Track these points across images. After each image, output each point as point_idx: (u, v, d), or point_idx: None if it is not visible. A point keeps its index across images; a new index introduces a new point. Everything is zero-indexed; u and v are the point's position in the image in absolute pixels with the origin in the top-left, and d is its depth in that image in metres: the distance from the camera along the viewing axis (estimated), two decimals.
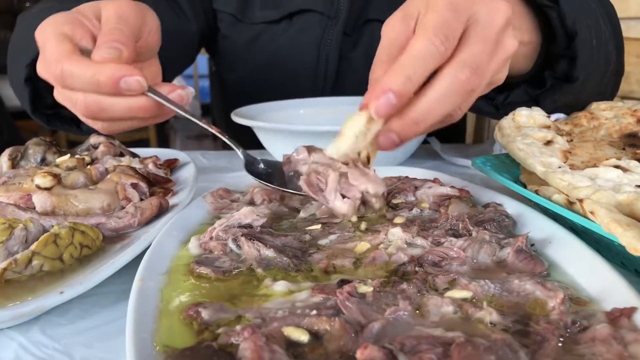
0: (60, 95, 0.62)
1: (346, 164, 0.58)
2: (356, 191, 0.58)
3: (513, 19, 0.56)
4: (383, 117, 0.50)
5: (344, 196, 0.59)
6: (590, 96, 0.91)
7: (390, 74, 0.49)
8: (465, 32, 0.52)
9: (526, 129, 0.71)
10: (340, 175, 0.58)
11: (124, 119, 0.61)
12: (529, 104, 0.85)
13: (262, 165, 0.68)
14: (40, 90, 0.85)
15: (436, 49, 0.49)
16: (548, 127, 0.74)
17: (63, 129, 0.93)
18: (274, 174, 0.67)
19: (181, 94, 0.62)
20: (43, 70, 0.62)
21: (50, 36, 0.60)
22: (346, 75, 1.19)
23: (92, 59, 0.58)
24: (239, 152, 0.68)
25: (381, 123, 0.52)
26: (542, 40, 0.83)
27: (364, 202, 0.60)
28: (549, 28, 0.82)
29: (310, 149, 0.63)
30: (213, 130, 0.65)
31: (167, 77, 1.21)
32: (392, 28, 0.55)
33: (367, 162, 0.58)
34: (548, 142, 0.69)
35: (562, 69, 0.85)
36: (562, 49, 0.82)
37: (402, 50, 0.52)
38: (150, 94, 0.59)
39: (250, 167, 0.67)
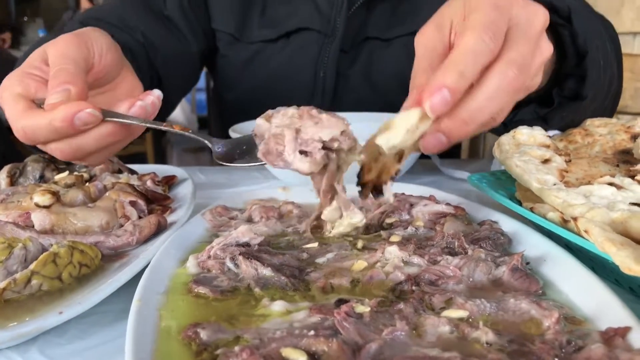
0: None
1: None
2: (314, 143, 0.55)
3: None
4: (438, 113, 0.49)
5: (305, 153, 0.55)
6: (593, 115, 0.92)
7: (443, 71, 0.48)
8: (508, 33, 0.52)
9: (525, 147, 0.72)
10: (297, 132, 0.55)
11: (101, 149, 0.62)
12: (536, 122, 0.86)
13: (231, 147, 0.64)
14: None
15: (486, 45, 0.49)
16: (547, 147, 0.74)
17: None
18: (250, 152, 0.62)
19: (142, 105, 0.62)
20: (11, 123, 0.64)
21: (8, 99, 0.62)
22: (343, 93, 1.20)
23: (45, 108, 0.60)
24: (208, 144, 0.65)
25: (429, 123, 0.51)
26: (554, 58, 0.84)
27: (330, 149, 0.55)
28: (560, 47, 0.83)
29: (268, 117, 0.59)
30: (176, 130, 0.64)
31: (173, 99, 1.22)
32: (428, 37, 0.56)
33: (399, 159, 0.55)
34: (546, 161, 0.70)
35: (570, 88, 0.86)
36: (572, 67, 0.84)
37: (442, 57, 0.52)
38: (110, 119, 0.61)
39: (219, 155, 0.64)
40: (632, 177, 0.66)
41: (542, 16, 0.54)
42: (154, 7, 1.14)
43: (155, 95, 0.64)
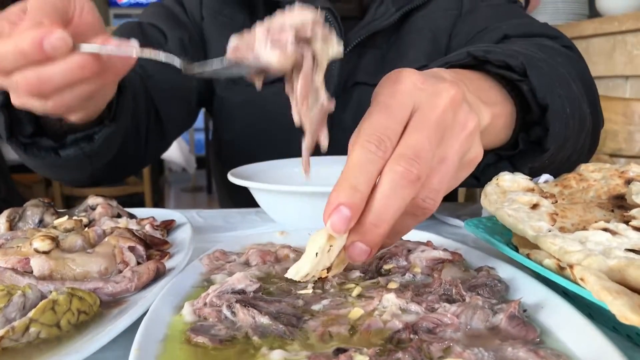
0: (8, 89, 0.62)
1: None
2: (285, 33, 0.50)
3: (467, 95, 0.57)
4: (341, 231, 0.50)
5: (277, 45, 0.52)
6: (570, 155, 0.92)
7: (337, 188, 0.49)
8: (407, 125, 0.52)
9: (511, 194, 0.72)
10: (268, 28, 0.52)
11: (69, 84, 0.60)
12: (505, 165, 0.86)
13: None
14: (19, 118, 0.85)
15: (373, 154, 0.50)
16: (532, 190, 0.75)
17: (40, 157, 0.90)
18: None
19: (118, 44, 0.61)
20: None
21: None
22: (337, 135, 1.21)
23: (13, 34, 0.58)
24: (177, 64, 0.64)
25: (344, 237, 0.51)
26: (518, 109, 0.84)
27: (304, 41, 0.51)
28: (523, 100, 0.84)
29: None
30: (149, 54, 0.62)
31: (170, 135, 1.23)
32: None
33: (327, 271, 0.55)
34: (534, 206, 0.70)
35: (536, 135, 0.86)
36: (537, 117, 0.84)
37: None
38: (83, 48, 0.58)
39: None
40: (627, 222, 0.67)
41: (445, 93, 0.54)
42: (154, 40, 1.15)
43: (134, 43, 0.61)
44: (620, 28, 2.33)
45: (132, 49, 0.60)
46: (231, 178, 0.97)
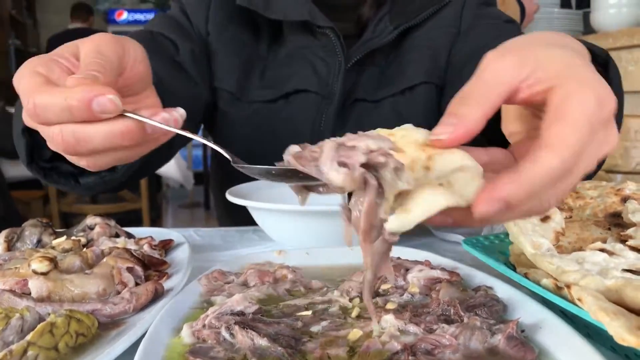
0: (43, 136, 0.58)
1: None
2: (357, 155, 0.46)
3: None
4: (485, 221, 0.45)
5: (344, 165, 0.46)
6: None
7: (514, 185, 0.43)
8: None
9: None
10: (339, 145, 0.47)
11: (107, 149, 0.56)
12: None
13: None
14: (39, 142, 0.82)
15: (567, 166, 0.43)
16: None
17: (60, 183, 0.87)
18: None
19: (165, 116, 0.57)
20: (23, 113, 0.59)
21: (25, 74, 0.57)
22: None
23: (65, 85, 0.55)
24: (225, 154, 0.62)
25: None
26: None
27: (372, 167, 0.46)
28: None
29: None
30: (203, 140, 0.62)
31: (176, 147, 1.23)
32: (504, 69, 0.46)
33: None
34: (545, 217, 0.70)
35: None
36: None
37: (498, 93, 0.46)
38: (129, 115, 0.55)
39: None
40: (623, 241, 0.67)
41: (612, 106, 0.47)
42: (165, 51, 1.15)
43: (180, 112, 0.59)
44: (614, 44, 2.35)
45: (177, 126, 0.58)
46: (229, 197, 0.98)
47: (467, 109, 0.45)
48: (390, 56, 1.24)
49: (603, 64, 0.79)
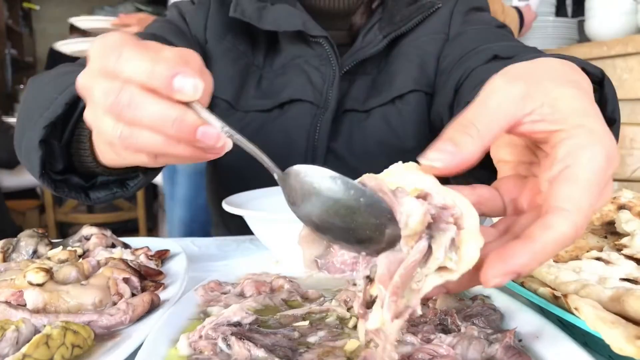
0: (93, 88, 0.51)
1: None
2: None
3: None
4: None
5: None
6: None
7: (527, 256, 0.41)
8: None
9: None
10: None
11: (149, 127, 0.49)
12: None
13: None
14: (53, 153, 0.81)
15: (579, 235, 0.42)
16: None
17: (70, 196, 0.86)
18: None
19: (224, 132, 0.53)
20: (87, 74, 0.52)
21: (116, 34, 0.51)
22: (332, 164, 1.22)
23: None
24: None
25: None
26: None
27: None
28: None
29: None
30: (258, 153, 0.56)
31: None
32: (510, 97, 0.44)
33: None
34: None
35: None
36: None
37: (501, 125, 0.44)
38: (196, 107, 0.49)
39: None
40: (619, 250, 0.67)
41: (617, 161, 0.45)
42: None
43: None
44: (609, 53, 2.36)
45: (227, 148, 0.54)
46: (225, 206, 0.97)
47: (468, 139, 0.43)
48: (380, 65, 1.24)
49: (598, 82, 0.79)
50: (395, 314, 0.41)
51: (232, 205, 0.97)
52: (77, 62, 1.03)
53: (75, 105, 0.78)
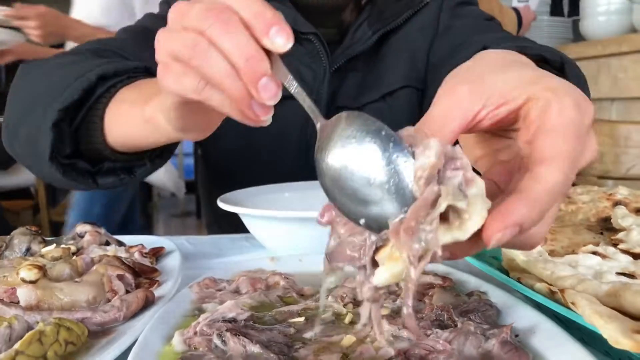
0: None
1: None
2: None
3: None
4: (501, 246, 0.42)
5: None
6: None
7: (526, 207, 0.40)
8: None
9: None
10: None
11: (225, 49, 0.48)
12: None
13: None
14: (62, 137, 0.83)
15: (568, 178, 0.42)
16: None
17: (78, 181, 0.86)
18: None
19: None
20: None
21: None
22: None
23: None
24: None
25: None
26: None
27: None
28: None
29: None
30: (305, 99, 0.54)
31: (172, 145, 1.22)
32: (453, 101, 0.45)
33: None
34: None
35: None
36: None
37: (450, 130, 0.44)
38: (277, 61, 0.49)
39: None
40: (615, 245, 0.67)
41: (591, 110, 0.46)
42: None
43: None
44: (603, 52, 2.37)
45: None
46: (221, 204, 0.97)
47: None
48: (371, 62, 1.24)
49: (559, 68, 0.80)
50: (414, 255, 0.40)
51: (227, 203, 0.97)
52: (72, 50, 1.02)
53: (91, 91, 0.82)
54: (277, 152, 1.23)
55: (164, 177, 4.39)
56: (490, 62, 0.49)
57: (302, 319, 0.59)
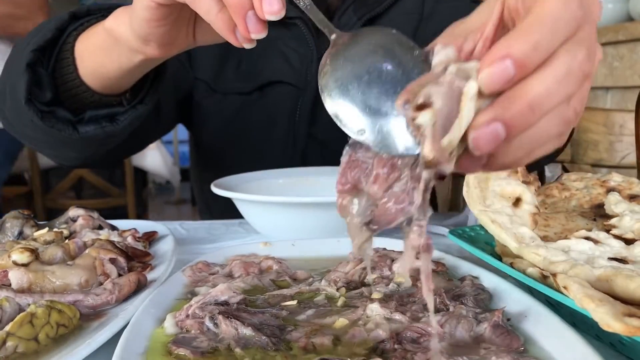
0: None
1: None
2: None
3: None
4: (494, 90, 0.37)
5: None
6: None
7: (510, 39, 0.37)
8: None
9: (494, 182, 0.71)
10: None
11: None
12: None
13: None
14: (41, 82, 0.83)
15: (572, 13, 0.38)
16: (516, 172, 0.73)
17: (58, 128, 0.85)
18: None
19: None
20: None
21: None
22: (311, 149, 1.22)
23: None
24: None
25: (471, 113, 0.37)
26: None
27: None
28: None
29: None
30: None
31: (162, 129, 1.22)
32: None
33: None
34: (517, 201, 0.70)
35: None
36: None
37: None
38: None
39: None
40: (607, 231, 0.67)
41: (598, 6, 0.43)
42: None
43: None
44: (600, 40, 2.36)
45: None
46: (215, 189, 0.97)
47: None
48: None
49: None
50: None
51: (221, 188, 0.97)
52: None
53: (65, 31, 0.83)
54: (266, 137, 1.23)
55: (159, 163, 4.38)
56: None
57: (294, 302, 0.59)
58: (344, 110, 0.41)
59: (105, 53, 0.78)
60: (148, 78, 0.87)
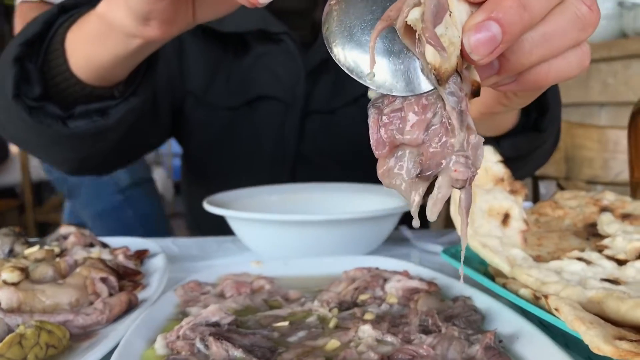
0: None
1: None
2: None
3: None
4: (480, 54, 0.36)
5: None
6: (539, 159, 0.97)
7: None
8: None
9: (481, 198, 0.70)
10: None
11: None
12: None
13: None
14: (29, 77, 0.81)
15: None
16: (502, 181, 0.73)
17: (47, 123, 0.82)
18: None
19: None
20: None
21: None
22: (299, 167, 1.22)
23: None
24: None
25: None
26: None
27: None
28: None
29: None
30: None
31: (162, 125, 1.21)
32: None
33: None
34: (505, 218, 0.69)
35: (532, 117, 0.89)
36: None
37: None
38: None
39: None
40: (600, 251, 0.67)
41: None
42: None
43: None
44: (593, 56, 2.36)
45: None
46: (207, 206, 0.96)
47: None
48: None
49: None
50: None
51: (213, 205, 0.96)
52: None
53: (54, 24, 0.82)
54: (254, 152, 1.23)
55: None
56: None
57: (286, 323, 0.59)
58: (357, 58, 0.40)
59: (99, 41, 0.75)
60: (140, 70, 0.85)
